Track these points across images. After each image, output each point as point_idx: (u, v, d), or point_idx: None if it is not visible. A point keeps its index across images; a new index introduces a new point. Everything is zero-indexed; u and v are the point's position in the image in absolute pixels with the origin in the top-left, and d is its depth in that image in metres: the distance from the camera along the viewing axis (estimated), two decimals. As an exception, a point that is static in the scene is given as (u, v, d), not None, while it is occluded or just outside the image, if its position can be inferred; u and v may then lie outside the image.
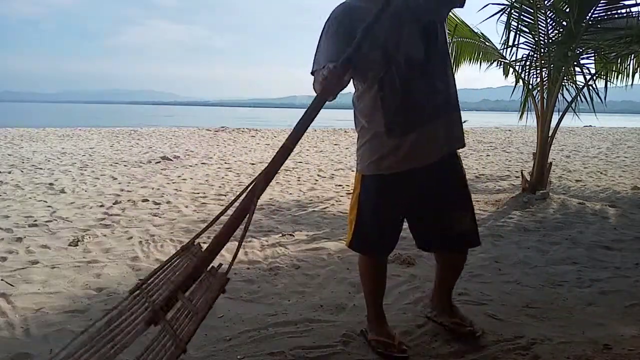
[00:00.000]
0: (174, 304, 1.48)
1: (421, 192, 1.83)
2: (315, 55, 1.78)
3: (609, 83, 5.41)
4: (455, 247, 1.96)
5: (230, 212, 1.63)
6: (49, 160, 8.18)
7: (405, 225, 1.98)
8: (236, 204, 1.61)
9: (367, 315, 2.06)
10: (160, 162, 8.30)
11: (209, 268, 1.53)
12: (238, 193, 1.65)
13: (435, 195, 1.84)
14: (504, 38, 5.19)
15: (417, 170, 1.77)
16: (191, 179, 6.55)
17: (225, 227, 1.55)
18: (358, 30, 1.60)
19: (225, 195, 5.44)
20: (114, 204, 4.83)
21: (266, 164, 1.64)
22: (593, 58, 5.35)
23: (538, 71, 5.28)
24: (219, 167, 7.78)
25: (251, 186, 1.58)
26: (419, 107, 1.71)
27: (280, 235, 3.77)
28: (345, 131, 19.23)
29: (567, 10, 4.85)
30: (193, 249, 1.67)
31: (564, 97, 5.30)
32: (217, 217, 1.69)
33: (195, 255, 1.61)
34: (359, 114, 1.83)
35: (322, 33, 1.78)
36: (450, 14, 5.98)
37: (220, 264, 1.55)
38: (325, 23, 1.77)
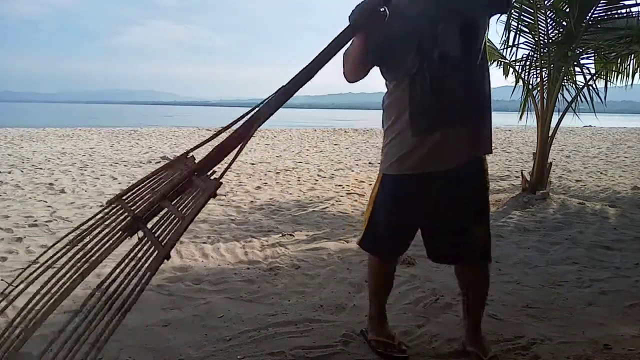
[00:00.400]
0: (157, 212, 1.38)
1: (439, 199, 1.74)
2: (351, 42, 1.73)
3: (609, 83, 5.42)
4: (468, 260, 1.83)
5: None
6: (49, 160, 8.18)
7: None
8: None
9: (369, 314, 2.05)
10: (160, 162, 8.29)
11: (201, 177, 1.44)
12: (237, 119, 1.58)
13: (454, 203, 1.74)
14: (504, 38, 5.20)
15: (437, 174, 1.69)
16: (191, 179, 6.54)
17: (220, 145, 1.50)
18: (393, 23, 1.57)
19: (225, 195, 5.44)
20: (114, 204, 4.82)
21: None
22: (593, 58, 5.35)
23: (538, 71, 5.28)
24: (219, 167, 7.76)
25: (253, 112, 1.54)
26: (448, 107, 1.63)
27: (280, 235, 3.77)
28: (345, 131, 19.23)
29: (567, 10, 4.85)
30: (185, 161, 1.58)
31: (564, 97, 5.30)
32: (217, 134, 1.62)
33: (187, 165, 1.53)
34: (387, 111, 1.77)
35: None
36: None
37: (214, 171, 1.48)
38: None
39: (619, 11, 4.75)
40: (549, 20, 4.99)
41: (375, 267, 1.99)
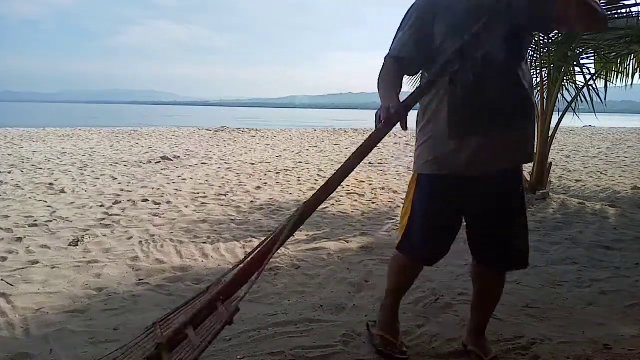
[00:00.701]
0: (183, 340, 1.44)
1: (478, 202, 1.70)
2: (394, 37, 1.71)
3: (609, 83, 5.42)
4: (511, 265, 1.78)
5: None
6: (49, 160, 8.18)
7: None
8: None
9: (383, 304, 2.01)
10: (160, 162, 8.30)
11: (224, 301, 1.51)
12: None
13: (494, 206, 1.69)
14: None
15: (476, 177, 1.64)
16: (191, 179, 6.55)
17: (244, 266, 1.55)
18: (438, 23, 1.57)
19: (225, 195, 5.44)
20: (114, 204, 4.83)
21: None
22: (593, 58, 5.35)
23: (538, 71, 5.28)
24: (219, 167, 7.78)
25: (277, 230, 1.60)
26: (488, 110, 1.57)
27: (280, 235, 3.76)
28: (345, 131, 19.23)
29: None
30: (216, 286, 1.66)
31: (564, 97, 5.30)
32: (245, 259, 1.65)
33: (212, 291, 1.61)
34: (423, 110, 1.71)
35: (404, 18, 1.69)
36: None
37: (237, 297, 1.53)
38: (411, 8, 1.68)
39: (619, 11, 4.75)
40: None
41: (405, 268, 1.91)
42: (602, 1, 4.67)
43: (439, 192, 1.71)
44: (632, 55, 5.44)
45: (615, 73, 5.64)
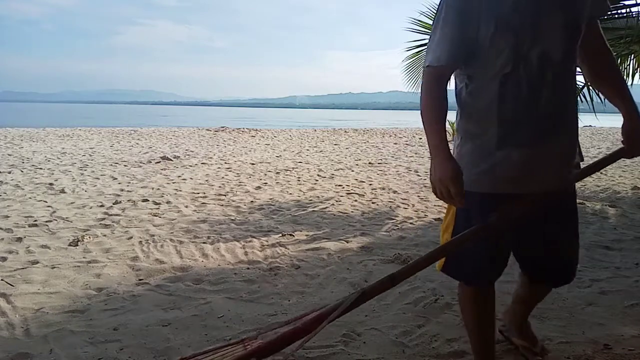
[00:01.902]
0: None
1: (532, 217, 1.50)
2: (430, 43, 1.44)
3: (609, 83, 5.41)
4: (566, 279, 1.64)
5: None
6: (49, 160, 8.18)
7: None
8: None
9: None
10: (160, 162, 8.30)
11: None
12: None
13: (548, 220, 1.52)
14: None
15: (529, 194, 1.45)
16: (191, 179, 6.55)
17: (285, 334, 1.53)
18: (483, 13, 1.32)
19: (225, 195, 5.44)
20: (114, 204, 4.83)
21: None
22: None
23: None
24: (219, 167, 7.78)
25: (327, 307, 1.57)
26: (542, 118, 1.38)
27: (280, 235, 3.77)
28: (345, 131, 19.23)
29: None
30: (246, 343, 1.68)
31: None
32: (289, 322, 1.67)
33: (246, 349, 1.62)
34: (466, 113, 1.48)
35: (439, 14, 1.40)
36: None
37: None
38: (441, 4, 1.40)
39: (619, 11, 4.75)
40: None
41: (467, 299, 1.66)
42: (602, 1, 4.67)
43: (487, 211, 1.45)
44: (632, 55, 5.44)
45: (615, 73, 5.63)
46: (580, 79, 5.35)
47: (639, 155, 1.48)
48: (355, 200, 5.29)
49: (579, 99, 5.23)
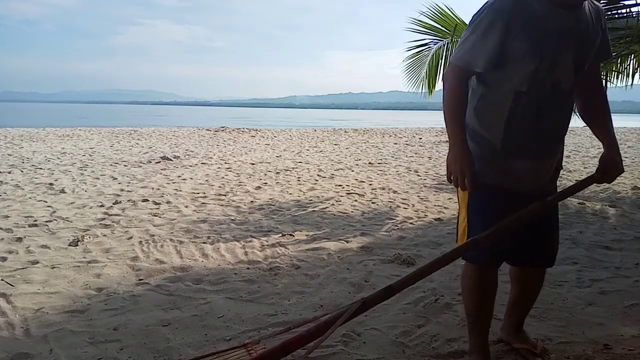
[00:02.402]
0: None
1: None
2: (463, 43, 1.55)
3: (609, 83, 5.42)
4: (550, 261, 1.82)
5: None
6: (49, 160, 8.18)
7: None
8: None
9: (470, 347, 1.87)
10: (160, 162, 8.30)
11: None
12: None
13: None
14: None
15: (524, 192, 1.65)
16: (191, 179, 6.55)
17: (287, 342, 1.55)
18: (516, 35, 1.45)
19: (225, 195, 5.44)
20: (114, 204, 4.83)
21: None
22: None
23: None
24: (219, 167, 7.78)
25: (334, 313, 1.62)
26: (544, 138, 1.58)
27: (280, 235, 3.77)
28: (345, 131, 19.23)
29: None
30: (250, 347, 1.70)
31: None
32: (291, 328, 1.69)
33: (250, 354, 1.65)
34: (476, 114, 1.62)
35: (477, 19, 1.50)
36: (450, 13, 6.03)
37: None
38: (484, 10, 1.49)
39: (619, 11, 4.75)
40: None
41: (475, 281, 1.78)
42: (602, 1, 4.67)
43: (493, 202, 1.65)
44: (632, 55, 5.44)
45: (615, 73, 5.63)
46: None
47: (607, 182, 1.73)
48: (355, 200, 5.29)
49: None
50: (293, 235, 3.76)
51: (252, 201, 5.13)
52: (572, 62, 1.52)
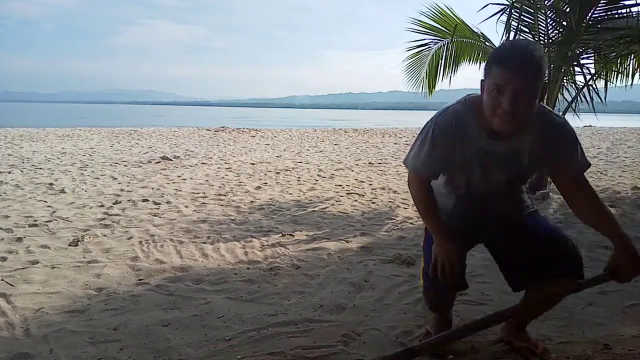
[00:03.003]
0: None
1: (495, 234, 1.84)
2: (412, 148, 1.70)
3: (609, 83, 5.42)
4: (565, 264, 1.77)
5: None
6: (49, 160, 8.18)
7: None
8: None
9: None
10: (160, 162, 8.30)
11: None
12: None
13: (510, 232, 1.81)
14: (504, 38, 5.20)
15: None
16: (191, 179, 6.55)
17: None
18: (458, 149, 1.60)
19: (225, 195, 5.44)
20: (114, 204, 4.83)
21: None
22: (593, 58, 5.35)
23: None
24: (219, 167, 7.78)
25: None
26: (485, 215, 1.78)
27: (280, 235, 3.77)
28: (345, 131, 19.23)
29: (567, 10, 4.85)
30: None
31: (564, 97, 5.29)
32: None
33: None
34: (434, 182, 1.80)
35: (426, 132, 1.65)
36: (450, 13, 6.03)
37: None
38: (433, 125, 1.63)
39: (619, 11, 4.76)
40: (549, 21, 4.99)
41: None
42: (602, 1, 4.67)
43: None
44: (632, 55, 5.44)
45: (615, 73, 5.63)
46: (579, 78, 5.35)
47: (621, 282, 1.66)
48: (355, 200, 5.29)
49: (579, 98, 5.23)
50: (293, 235, 3.76)
51: (252, 201, 5.13)
52: (504, 180, 1.67)
